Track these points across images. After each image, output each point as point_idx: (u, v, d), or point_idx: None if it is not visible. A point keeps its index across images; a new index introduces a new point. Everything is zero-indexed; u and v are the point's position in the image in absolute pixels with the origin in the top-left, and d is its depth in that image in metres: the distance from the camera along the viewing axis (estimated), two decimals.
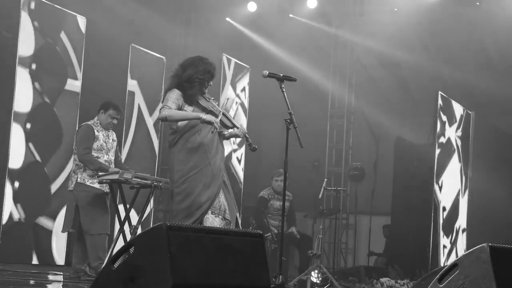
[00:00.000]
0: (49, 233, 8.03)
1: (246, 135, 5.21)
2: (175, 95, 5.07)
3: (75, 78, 8.36)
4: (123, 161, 7.15)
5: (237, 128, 5.27)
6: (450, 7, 10.62)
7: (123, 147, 8.99)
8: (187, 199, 5.04)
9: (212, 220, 5.06)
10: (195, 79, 5.13)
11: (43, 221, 8.00)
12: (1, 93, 8.10)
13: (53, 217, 8.06)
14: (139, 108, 9.38)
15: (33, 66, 7.89)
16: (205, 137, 5.10)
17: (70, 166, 7.28)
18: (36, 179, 7.94)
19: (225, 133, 5.37)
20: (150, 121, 9.59)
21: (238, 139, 8.77)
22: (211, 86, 5.35)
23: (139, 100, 9.36)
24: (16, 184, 7.73)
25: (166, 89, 5.21)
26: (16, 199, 7.72)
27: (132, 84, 9.24)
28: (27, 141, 7.81)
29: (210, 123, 5.02)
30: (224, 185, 5.19)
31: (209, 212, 5.07)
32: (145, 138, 9.55)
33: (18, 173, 7.74)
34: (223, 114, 5.19)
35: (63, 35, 8.26)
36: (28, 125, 7.80)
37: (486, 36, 10.71)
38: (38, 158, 7.91)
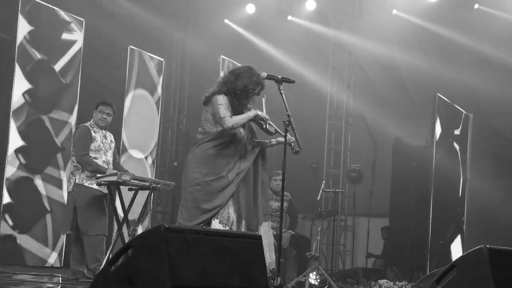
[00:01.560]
0: (45, 234, 8.02)
1: (292, 143, 5.19)
2: (226, 102, 5.09)
3: (74, 81, 8.35)
4: (121, 162, 7.13)
5: (281, 134, 5.26)
6: (448, 9, 10.64)
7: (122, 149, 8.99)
8: (198, 200, 5.05)
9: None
10: (249, 89, 5.15)
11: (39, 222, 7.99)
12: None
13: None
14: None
15: (30, 68, 7.88)
16: (230, 151, 5.13)
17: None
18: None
19: (273, 141, 5.37)
20: None
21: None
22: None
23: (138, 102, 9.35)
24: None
25: (213, 93, 5.18)
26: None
27: (131, 87, 9.23)
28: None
29: (265, 119, 5.15)
30: (234, 198, 5.19)
31: (217, 221, 5.09)
32: None
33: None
34: (268, 120, 5.24)
35: (61, 37, 8.25)
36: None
37: (484, 38, 10.72)
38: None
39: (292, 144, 5.16)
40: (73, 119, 8.28)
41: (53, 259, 8.06)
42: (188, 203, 5.07)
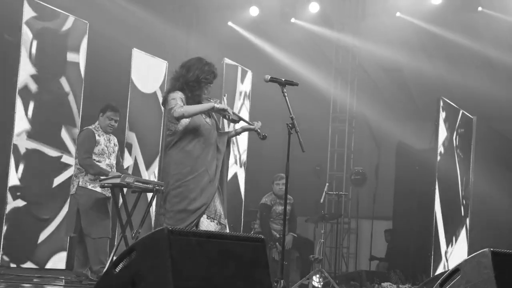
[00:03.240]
0: (50, 236, 8.01)
1: (258, 129, 5.18)
2: (179, 96, 5.07)
3: (78, 83, 8.35)
4: (125, 166, 7.13)
5: (246, 122, 5.26)
6: (452, 12, 10.63)
7: (125, 152, 8.99)
8: (183, 202, 5.02)
9: (208, 225, 5.07)
10: (202, 79, 5.13)
11: (44, 224, 7.97)
12: (4, 94, 8.09)
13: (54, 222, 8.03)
14: None
15: (35, 70, 7.88)
16: (203, 142, 5.11)
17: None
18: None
19: (238, 129, 5.37)
20: None
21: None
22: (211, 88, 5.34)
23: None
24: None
25: (168, 91, 5.18)
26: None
27: (134, 89, 9.23)
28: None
29: (223, 110, 5.06)
30: (218, 191, 5.18)
31: (205, 216, 5.07)
32: None
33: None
34: (228, 110, 5.20)
35: (65, 39, 8.25)
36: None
37: (487, 41, 10.72)
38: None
39: (259, 130, 5.14)
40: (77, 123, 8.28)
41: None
42: (174, 207, 5.03)
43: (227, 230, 5.18)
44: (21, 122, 7.59)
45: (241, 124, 5.34)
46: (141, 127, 9.09)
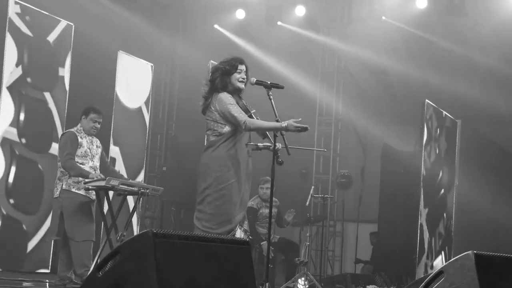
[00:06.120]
0: (34, 239, 7.96)
1: (279, 153, 5.15)
2: (232, 99, 5.06)
3: (63, 84, 8.31)
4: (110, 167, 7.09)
5: (270, 140, 5.24)
6: (437, 16, 10.69)
7: (109, 154, 8.96)
8: (225, 205, 4.96)
9: (240, 232, 5.11)
10: (223, 69, 5.15)
11: (28, 226, 7.93)
12: None
13: (39, 225, 7.98)
14: None
15: (19, 73, 7.84)
16: (242, 148, 5.10)
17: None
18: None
19: (260, 145, 5.35)
20: None
21: None
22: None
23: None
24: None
25: (207, 95, 5.15)
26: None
27: (120, 91, 9.21)
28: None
29: (301, 129, 4.97)
30: None
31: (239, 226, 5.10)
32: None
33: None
34: None
35: (50, 41, 8.21)
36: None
37: (473, 45, 10.79)
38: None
39: (279, 153, 5.12)
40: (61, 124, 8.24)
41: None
42: (216, 210, 4.95)
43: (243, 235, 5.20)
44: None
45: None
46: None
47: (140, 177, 9.24)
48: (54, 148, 7.73)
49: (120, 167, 8.73)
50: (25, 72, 7.84)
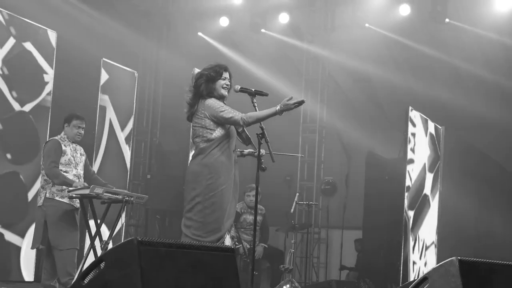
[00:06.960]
0: (17, 249, 7.92)
1: (263, 160, 5.14)
2: (219, 103, 5.05)
3: (46, 92, 8.28)
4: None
5: (254, 146, 5.23)
6: (420, 23, 10.77)
7: (94, 162, 8.92)
8: (216, 212, 4.94)
9: (228, 239, 5.11)
10: (215, 77, 5.12)
11: (11, 236, 7.89)
12: None
13: (22, 235, 7.95)
14: (110, 123, 9.33)
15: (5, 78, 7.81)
16: (231, 154, 5.07)
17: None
18: (12, 188, 7.84)
19: (245, 151, 5.32)
20: (121, 136, 9.54)
21: None
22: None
23: (110, 114, 9.31)
24: None
25: (193, 102, 5.12)
26: None
27: (104, 99, 9.19)
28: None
29: (298, 104, 5.04)
30: None
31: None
32: (117, 153, 9.49)
33: None
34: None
35: (33, 49, 8.18)
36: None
37: (455, 52, 10.86)
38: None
39: (263, 160, 5.12)
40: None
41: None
42: (205, 217, 4.92)
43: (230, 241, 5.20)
44: None
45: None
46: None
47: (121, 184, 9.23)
48: (38, 158, 7.70)
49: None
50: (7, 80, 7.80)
